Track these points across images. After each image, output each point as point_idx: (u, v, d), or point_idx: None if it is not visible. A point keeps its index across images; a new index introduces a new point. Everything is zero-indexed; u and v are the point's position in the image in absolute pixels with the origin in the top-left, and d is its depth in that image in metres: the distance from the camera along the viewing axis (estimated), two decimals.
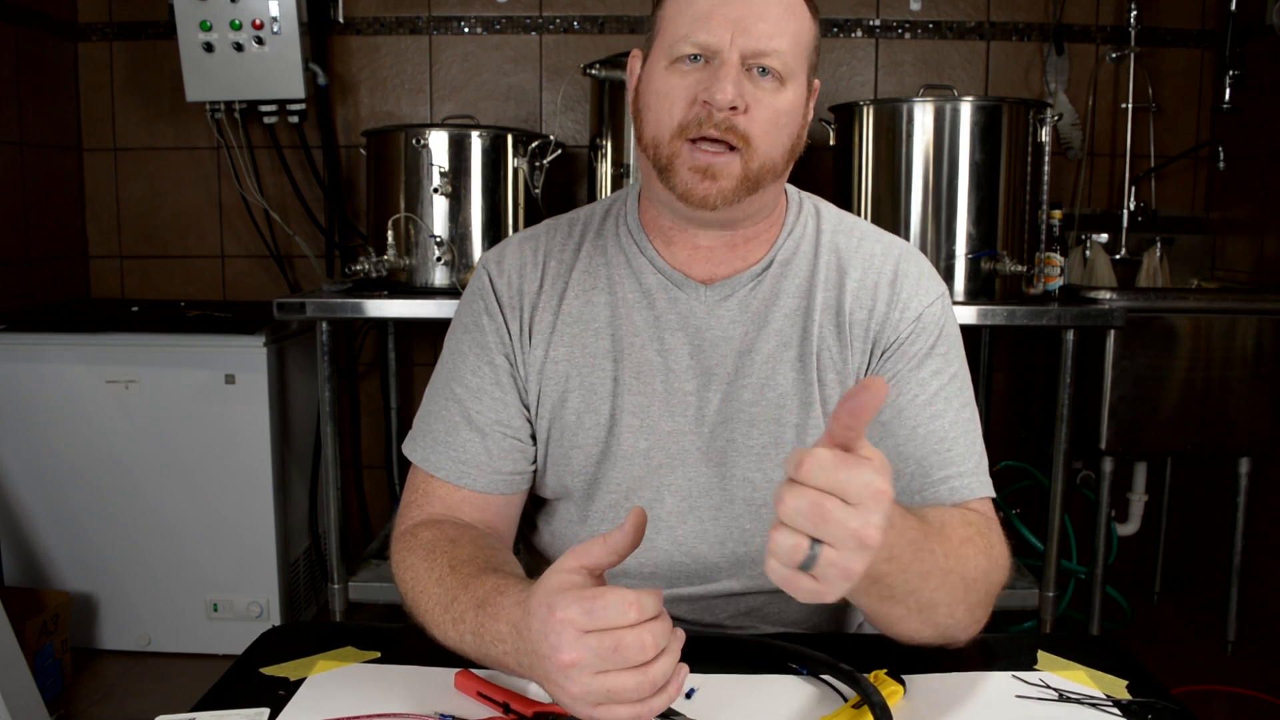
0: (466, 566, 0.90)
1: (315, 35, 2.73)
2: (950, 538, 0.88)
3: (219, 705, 0.84)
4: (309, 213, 2.85)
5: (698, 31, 0.94)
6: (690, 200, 0.97)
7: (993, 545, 0.94)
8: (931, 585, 0.84)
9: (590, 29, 2.83)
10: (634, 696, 0.70)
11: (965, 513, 0.96)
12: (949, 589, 0.86)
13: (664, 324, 1.04)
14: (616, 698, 0.71)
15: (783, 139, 0.98)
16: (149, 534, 2.47)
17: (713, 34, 0.94)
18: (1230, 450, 2.45)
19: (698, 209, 0.97)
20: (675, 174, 0.97)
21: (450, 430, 1.05)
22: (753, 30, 0.94)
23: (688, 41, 0.95)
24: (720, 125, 0.94)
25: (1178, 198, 2.89)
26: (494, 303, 1.08)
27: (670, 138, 0.96)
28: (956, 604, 0.88)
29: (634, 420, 1.04)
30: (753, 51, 0.94)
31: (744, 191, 0.97)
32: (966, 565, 0.88)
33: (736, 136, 0.94)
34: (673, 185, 0.97)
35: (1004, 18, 2.81)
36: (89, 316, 2.59)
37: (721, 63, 0.94)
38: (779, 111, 0.96)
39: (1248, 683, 2.36)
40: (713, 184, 0.96)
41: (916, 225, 2.20)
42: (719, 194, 0.96)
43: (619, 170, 2.34)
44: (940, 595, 0.85)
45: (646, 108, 0.99)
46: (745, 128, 0.95)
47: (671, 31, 0.97)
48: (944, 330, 1.05)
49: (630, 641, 0.71)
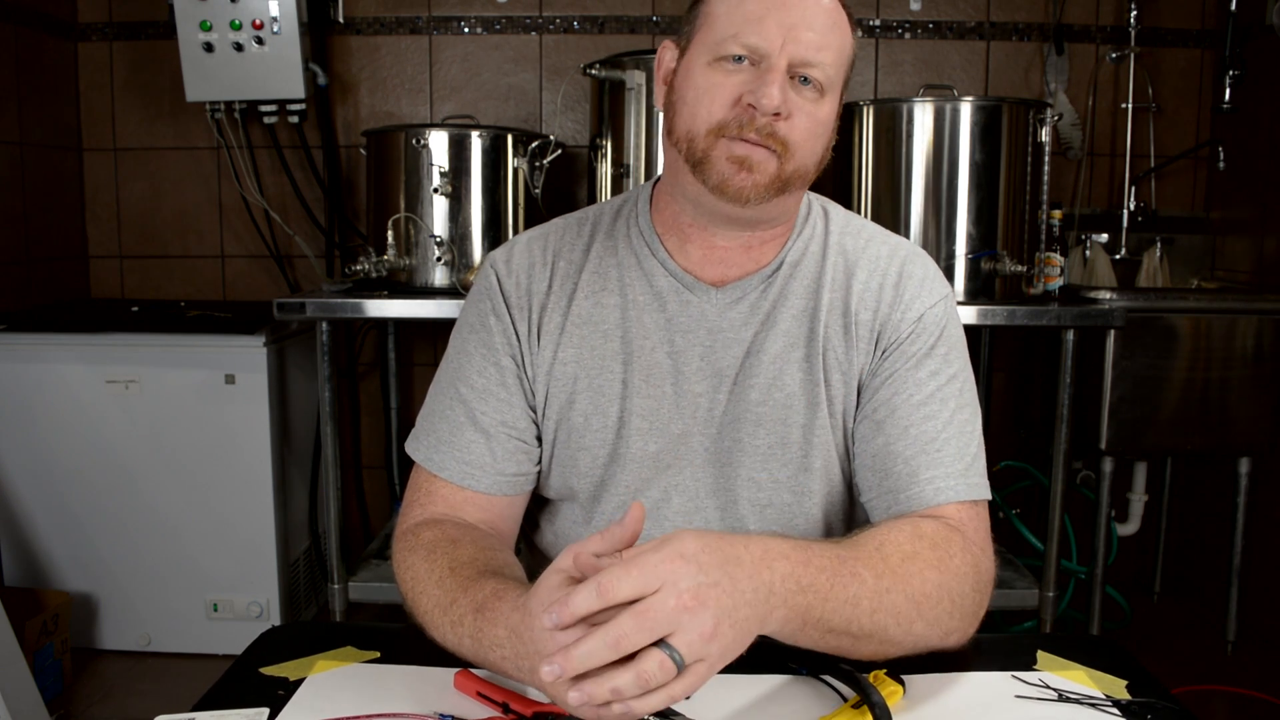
0: (466, 569, 0.90)
1: (315, 35, 2.74)
2: (889, 558, 0.86)
3: (219, 705, 0.84)
4: (309, 213, 2.85)
5: (749, 33, 0.94)
6: (725, 191, 0.96)
7: (950, 555, 0.91)
8: (866, 610, 0.82)
9: (590, 29, 2.83)
10: (635, 693, 0.70)
11: (921, 524, 0.94)
12: (891, 610, 0.84)
13: (676, 326, 1.04)
14: (618, 695, 0.71)
15: (818, 148, 0.99)
16: (149, 534, 2.47)
17: (764, 38, 0.94)
18: (1230, 450, 2.45)
19: (731, 201, 0.97)
20: (711, 165, 0.96)
21: (454, 430, 1.05)
22: (802, 39, 0.94)
23: (736, 41, 0.94)
24: (762, 130, 0.94)
25: (1178, 198, 2.89)
26: (501, 303, 1.07)
27: (706, 133, 0.96)
28: (909, 621, 0.86)
29: (643, 423, 1.04)
30: (800, 60, 0.94)
31: (774, 192, 0.97)
32: (911, 583, 0.86)
33: (776, 142, 0.95)
34: (707, 177, 0.97)
35: (1004, 18, 2.81)
36: (89, 316, 2.59)
37: (769, 67, 0.94)
38: (817, 121, 0.97)
39: (1248, 683, 2.36)
40: (749, 176, 0.95)
41: (916, 225, 2.20)
42: (753, 187, 0.96)
43: (619, 170, 2.33)
44: (882, 618, 0.84)
45: (682, 101, 0.99)
46: (785, 134, 0.95)
47: (719, 29, 0.96)
48: (945, 332, 1.05)
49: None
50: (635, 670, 0.69)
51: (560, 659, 0.70)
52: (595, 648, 0.69)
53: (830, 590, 0.80)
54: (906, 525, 0.93)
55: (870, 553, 0.86)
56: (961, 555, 0.92)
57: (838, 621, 0.81)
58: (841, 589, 0.81)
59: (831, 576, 0.81)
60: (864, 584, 0.83)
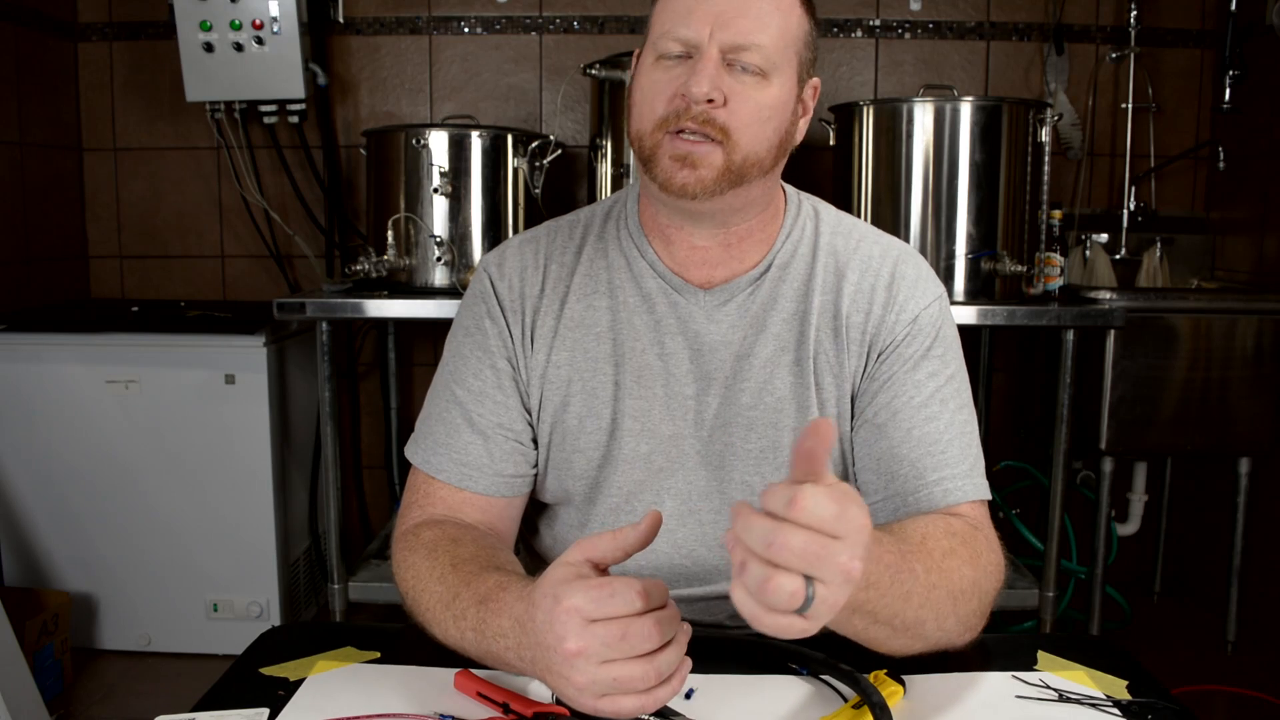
0: (469, 565, 0.90)
1: (315, 35, 2.73)
2: (932, 552, 0.87)
3: (219, 705, 0.84)
4: (309, 213, 2.85)
5: (678, 26, 0.96)
6: (670, 188, 0.96)
7: (980, 553, 0.92)
8: (915, 605, 0.83)
9: (590, 29, 2.83)
10: (640, 686, 0.70)
11: (950, 521, 0.95)
12: (934, 605, 0.85)
13: (664, 328, 1.05)
14: (622, 687, 0.70)
15: (767, 133, 0.98)
16: (149, 534, 2.47)
17: (692, 28, 0.95)
18: (1230, 450, 2.45)
19: (678, 198, 0.97)
20: (657, 163, 0.97)
21: (452, 433, 1.05)
22: (732, 25, 0.94)
23: (669, 37, 0.96)
24: (698, 118, 0.94)
25: (1177, 198, 2.89)
26: (496, 306, 1.08)
27: (652, 130, 0.97)
28: (945, 618, 0.87)
29: (635, 424, 1.04)
30: (732, 45, 0.94)
31: (726, 184, 0.97)
32: (951, 579, 0.87)
33: (715, 129, 0.95)
34: (654, 175, 0.97)
35: (1004, 18, 2.81)
36: (89, 316, 2.59)
37: (700, 56, 0.95)
38: (761, 105, 0.96)
39: (1248, 683, 2.36)
40: (692, 172, 0.96)
41: (916, 225, 2.20)
42: (698, 183, 0.96)
43: (619, 170, 2.34)
44: (925, 613, 0.84)
45: (633, 103, 1.01)
46: (724, 121, 0.95)
47: (656, 29, 0.98)
48: (940, 332, 1.05)
49: (637, 630, 0.71)
50: (776, 581, 0.63)
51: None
52: (755, 538, 0.64)
53: (889, 587, 0.80)
54: (939, 521, 0.94)
55: (916, 546, 0.86)
56: (988, 553, 0.94)
57: (885, 615, 0.81)
58: (899, 585, 0.81)
59: (894, 573, 0.80)
60: (916, 579, 0.83)
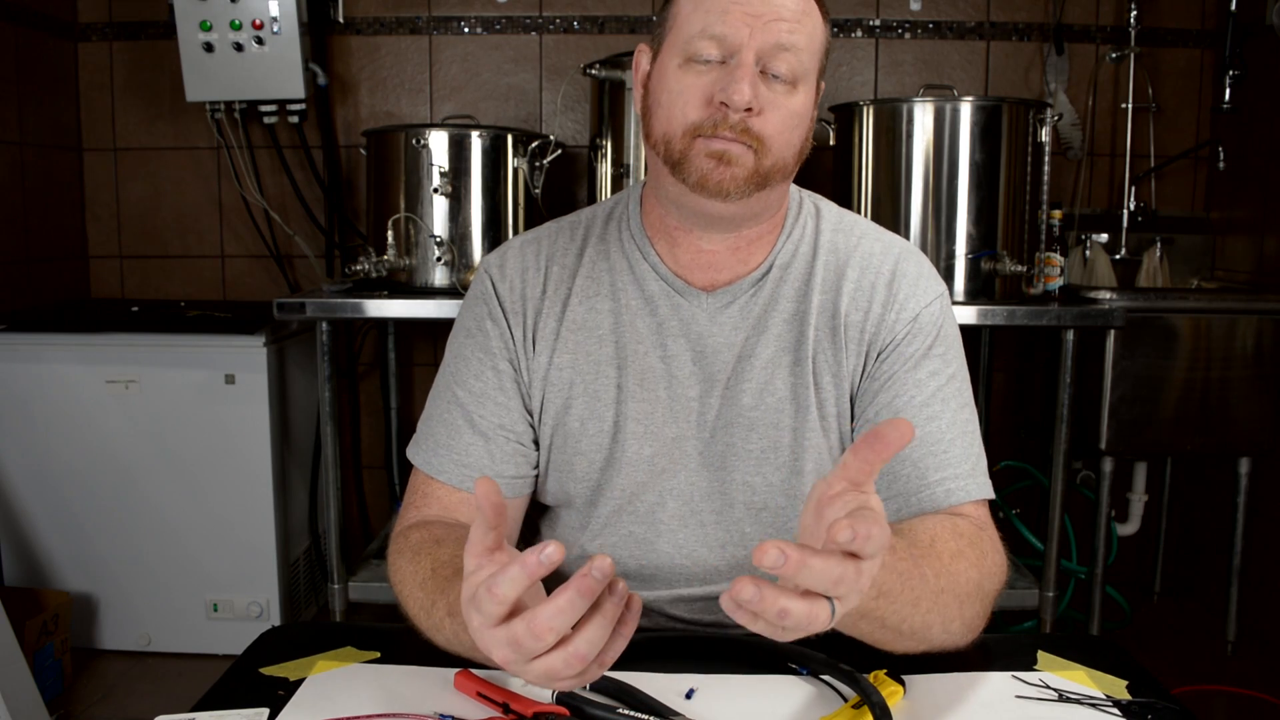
0: (446, 569, 0.89)
1: (315, 35, 2.73)
2: (941, 555, 0.87)
3: (219, 705, 0.84)
4: (309, 213, 2.85)
5: (715, 24, 0.94)
6: (706, 186, 0.95)
7: (985, 554, 0.92)
8: (923, 610, 0.82)
9: (590, 29, 2.83)
10: (569, 672, 0.68)
11: (956, 522, 0.95)
12: (942, 609, 0.85)
13: (666, 331, 1.04)
14: (555, 675, 0.69)
15: (794, 140, 0.98)
16: (149, 534, 2.47)
17: (731, 27, 0.93)
18: (1230, 450, 2.45)
19: (712, 197, 0.96)
20: (690, 163, 0.96)
21: (452, 434, 1.05)
22: (770, 28, 0.93)
23: (704, 35, 0.94)
24: (735, 127, 0.94)
25: (1178, 198, 2.89)
26: (497, 308, 1.07)
27: (682, 134, 0.96)
28: (951, 621, 0.87)
29: (638, 427, 1.04)
30: (770, 47, 0.93)
31: (754, 186, 0.96)
32: (958, 582, 0.87)
33: (751, 138, 0.94)
34: (686, 175, 0.96)
35: (1004, 18, 2.81)
36: (89, 316, 2.59)
37: (739, 63, 0.93)
38: (791, 113, 0.96)
39: (1248, 683, 2.36)
40: (728, 170, 0.95)
41: (916, 225, 2.20)
42: (732, 180, 0.95)
43: (619, 170, 2.34)
44: (933, 617, 0.84)
45: (657, 104, 0.99)
46: (759, 129, 0.94)
47: (686, 28, 0.96)
48: (942, 331, 1.04)
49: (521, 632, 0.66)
50: (799, 613, 0.61)
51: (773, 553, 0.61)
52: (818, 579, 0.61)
53: (900, 593, 0.79)
54: (946, 522, 0.94)
55: (926, 550, 0.86)
56: (993, 554, 0.94)
57: (894, 620, 0.81)
58: (909, 591, 0.80)
59: (905, 580, 0.79)
60: (926, 585, 0.82)
